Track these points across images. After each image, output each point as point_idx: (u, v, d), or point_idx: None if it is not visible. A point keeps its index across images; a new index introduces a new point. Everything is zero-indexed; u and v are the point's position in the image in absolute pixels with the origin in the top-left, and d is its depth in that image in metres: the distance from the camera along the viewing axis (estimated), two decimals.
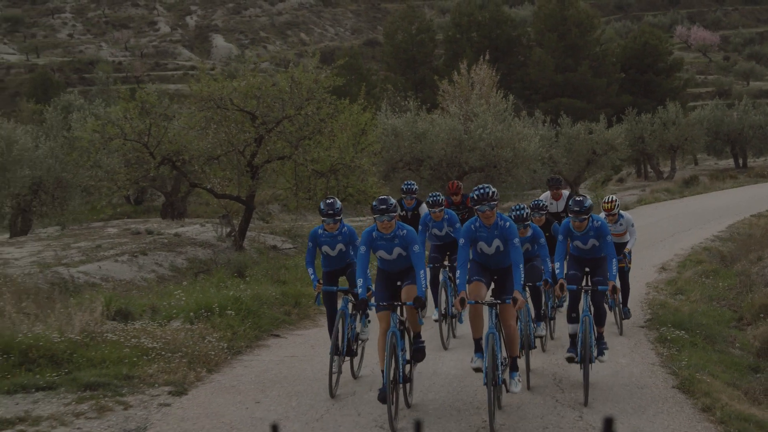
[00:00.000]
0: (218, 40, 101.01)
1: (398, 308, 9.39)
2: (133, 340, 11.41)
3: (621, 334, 13.14)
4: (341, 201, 23.50)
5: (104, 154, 23.61)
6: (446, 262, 13.16)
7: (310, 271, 10.61)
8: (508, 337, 9.37)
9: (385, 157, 29.87)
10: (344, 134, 22.83)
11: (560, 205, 14.59)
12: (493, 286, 9.64)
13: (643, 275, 18.38)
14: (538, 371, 11.04)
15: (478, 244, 9.35)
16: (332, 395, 9.88)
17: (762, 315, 14.12)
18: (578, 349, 10.13)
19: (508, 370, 9.43)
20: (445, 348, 12.31)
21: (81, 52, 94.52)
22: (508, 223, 9.22)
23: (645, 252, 21.55)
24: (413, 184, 14.31)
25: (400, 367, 9.17)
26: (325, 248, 10.57)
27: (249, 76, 22.25)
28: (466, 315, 9.44)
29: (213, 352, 11.56)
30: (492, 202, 8.96)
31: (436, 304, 12.77)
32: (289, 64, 23.30)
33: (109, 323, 12.39)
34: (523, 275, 9.12)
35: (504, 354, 9.37)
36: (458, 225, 12.53)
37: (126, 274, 18.88)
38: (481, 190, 9.02)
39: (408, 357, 9.56)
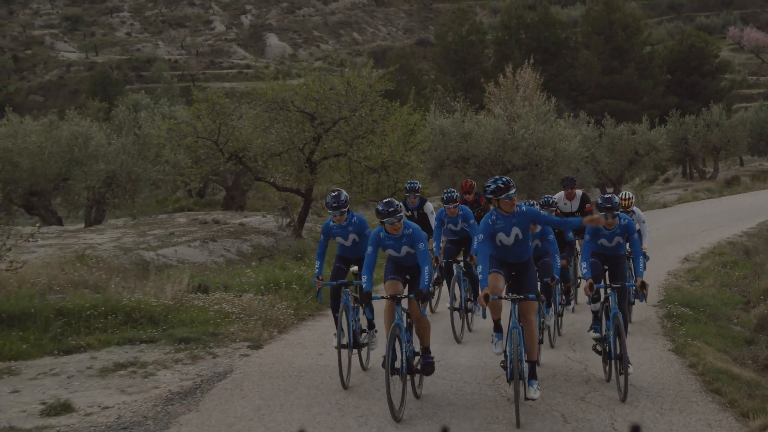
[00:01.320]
0: (272, 39, 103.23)
1: (402, 300, 9.48)
2: (215, 306, 13.69)
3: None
4: (391, 195, 25.66)
5: (174, 150, 25.90)
6: (460, 258, 13.36)
7: (318, 263, 10.70)
8: (528, 336, 9.27)
9: (433, 155, 31.70)
10: (395, 134, 24.78)
11: (574, 205, 14.71)
12: (510, 282, 9.69)
13: (666, 265, 19.73)
14: (547, 364, 11.25)
15: (497, 236, 9.42)
16: (345, 386, 10.11)
17: (762, 297, 15.75)
18: (602, 327, 10.72)
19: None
20: (458, 341, 12.50)
21: (138, 51, 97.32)
22: (525, 208, 9.48)
23: (673, 246, 23.07)
24: (416, 183, 14.55)
25: (404, 358, 9.26)
26: (339, 239, 10.76)
27: (307, 78, 24.47)
28: (488, 311, 9.54)
29: (282, 317, 13.84)
30: (513, 190, 9.22)
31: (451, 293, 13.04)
32: (345, 68, 25.38)
33: (193, 294, 14.63)
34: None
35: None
36: (473, 221, 12.89)
37: (198, 257, 21.14)
38: (500, 181, 9.25)
39: (415, 349, 9.58)
